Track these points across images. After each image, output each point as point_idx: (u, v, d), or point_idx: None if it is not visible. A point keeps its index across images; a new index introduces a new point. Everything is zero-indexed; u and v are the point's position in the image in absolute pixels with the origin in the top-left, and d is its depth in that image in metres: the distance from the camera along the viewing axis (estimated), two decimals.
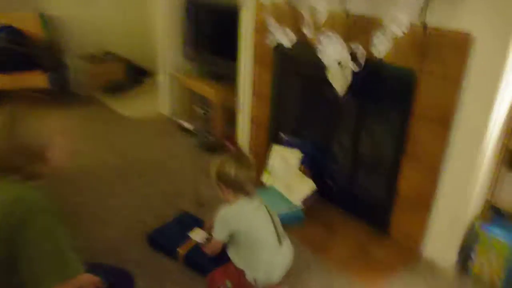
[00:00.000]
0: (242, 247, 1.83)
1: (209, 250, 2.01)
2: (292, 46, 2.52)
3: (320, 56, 2.32)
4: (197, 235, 2.24)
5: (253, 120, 3.18)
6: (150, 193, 2.78)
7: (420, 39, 1.98)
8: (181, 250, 2.16)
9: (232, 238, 1.84)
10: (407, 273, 2.18)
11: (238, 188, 1.81)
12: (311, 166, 2.68)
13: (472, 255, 2.12)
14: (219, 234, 1.87)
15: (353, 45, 2.17)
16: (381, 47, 2.03)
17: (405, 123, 2.17)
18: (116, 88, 4.52)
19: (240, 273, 1.82)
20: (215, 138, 3.47)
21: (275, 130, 3.03)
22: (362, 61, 2.14)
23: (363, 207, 2.54)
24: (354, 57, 2.19)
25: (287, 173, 2.65)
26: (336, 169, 2.67)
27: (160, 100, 4.07)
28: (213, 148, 3.34)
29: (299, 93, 2.79)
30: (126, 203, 2.66)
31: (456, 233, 2.13)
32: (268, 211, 1.86)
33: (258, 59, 2.97)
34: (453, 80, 1.94)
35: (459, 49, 1.88)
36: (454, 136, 2.00)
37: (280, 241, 1.82)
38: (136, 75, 4.77)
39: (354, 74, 2.22)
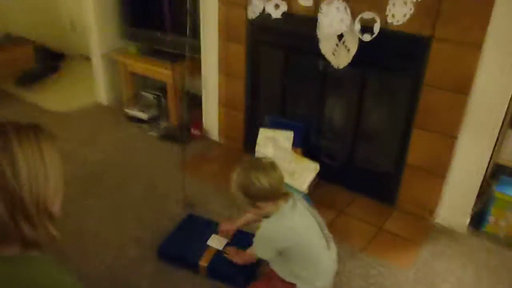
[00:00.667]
0: (293, 260, 1.62)
1: (241, 260, 1.79)
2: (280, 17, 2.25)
3: (318, 27, 2.11)
4: (217, 242, 1.95)
5: (224, 102, 2.86)
6: (127, 201, 2.36)
7: (436, 2, 1.87)
8: (203, 262, 1.87)
9: (279, 254, 1.61)
10: (428, 243, 2.17)
11: (277, 196, 1.57)
12: (305, 146, 2.50)
13: (487, 216, 2.18)
14: (264, 254, 1.66)
15: (364, 14, 1.98)
16: (400, 13, 1.88)
17: (416, 92, 2.09)
18: (29, 78, 3.74)
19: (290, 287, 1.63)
20: (176, 125, 3.08)
21: (253, 112, 2.76)
22: (375, 29, 1.97)
23: (367, 183, 2.45)
24: (364, 27, 2.01)
25: (283, 158, 2.44)
26: (333, 146, 2.53)
27: (96, 88, 3.47)
28: (175, 137, 2.96)
29: (283, 68, 2.54)
30: (104, 219, 2.22)
31: (470, 196, 2.15)
32: (309, 211, 1.66)
33: (225, 34, 2.63)
34: (472, 46, 1.88)
35: (480, 12, 1.81)
36: (472, 103, 1.97)
37: (328, 246, 1.65)
38: (49, 61, 4.01)
39: (360, 43, 2.06)
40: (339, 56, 2.19)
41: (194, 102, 3.03)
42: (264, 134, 2.55)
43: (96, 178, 2.55)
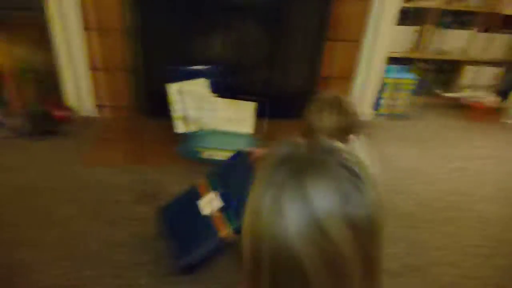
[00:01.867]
0: None
1: None
2: None
3: None
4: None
5: (98, 67, 2.25)
6: (72, 226, 1.73)
7: None
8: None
9: None
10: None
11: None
12: (222, 89, 2.33)
13: (382, 100, 2.66)
14: None
15: None
16: None
17: (329, 5, 2.22)
18: None
19: None
20: (39, 112, 2.25)
21: (145, 67, 2.30)
22: None
23: (289, 106, 2.53)
24: None
25: (211, 108, 2.22)
26: (250, 81, 2.44)
27: None
28: (44, 129, 2.21)
29: (178, 11, 2.16)
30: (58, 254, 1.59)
31: (374, 89, 2.57)
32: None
33: None
34: None
35: None
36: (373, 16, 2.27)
37: None
38: None
39: None
40: None
41: (48, 79, 2.26)
42: (175, 89, 2.22)
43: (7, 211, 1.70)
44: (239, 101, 2.27)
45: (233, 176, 1.67)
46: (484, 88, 2.89)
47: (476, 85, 2.89)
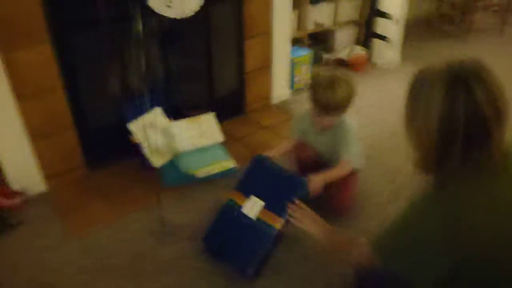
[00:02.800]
0: None
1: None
2: None
3: None
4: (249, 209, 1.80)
5: (40, 133, 2.00)
6: None
7: None
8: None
9: None
10: (270, 118, 2.78)
11: None
12: (170, 111, 2.33)
13: (294, 79, 3.01)
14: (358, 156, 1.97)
15: None
16: None
17: (240, 7, 2.42)
18: None
19: None
20: None
21: (92, 119, 2.15)
22: None
23: (227, 107, 2.67)
24: None
25: (183, 128, 2.22)
26: (192, 93, 2.49)
27: None
28: None
29: (103, 53, 2.07)
30: None
31: (286, 74, 2.89)
32: None
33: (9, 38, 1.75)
34: None
35: None
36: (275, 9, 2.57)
37: None
38: None
39: None
40: (180, 2, 2.10)
41: None
42: (137, 128, 2.15)
43: None
44: (196, 116, 2.33)
45: (259, 179, 1.81)
46: (352, 44, 3.51)
47: (346, 43, 3.50)
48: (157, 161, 2.15)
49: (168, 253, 1.78)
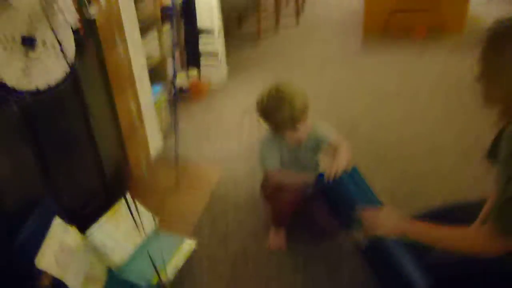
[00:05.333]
0: None
1: None
2: None
3: None
4: None
5: None
6: None
7: None
8: None
9: None
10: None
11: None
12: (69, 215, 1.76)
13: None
14: None
15: None
16: None
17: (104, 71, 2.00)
18: None
19: None
20: None
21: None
22: None
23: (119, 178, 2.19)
24: None
25: (102, 238, 1.71)
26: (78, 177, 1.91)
27: None
28: None
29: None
30: None
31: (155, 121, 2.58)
32: None
33: None
34: None
35: None
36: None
37: None
38: None
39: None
40: (43, 67, 1.54)
41: None
42: (48, 261, 1.52)
43: None
44: (112, 208, 1.84)
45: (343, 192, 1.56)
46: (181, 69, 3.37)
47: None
48: None
49: None
